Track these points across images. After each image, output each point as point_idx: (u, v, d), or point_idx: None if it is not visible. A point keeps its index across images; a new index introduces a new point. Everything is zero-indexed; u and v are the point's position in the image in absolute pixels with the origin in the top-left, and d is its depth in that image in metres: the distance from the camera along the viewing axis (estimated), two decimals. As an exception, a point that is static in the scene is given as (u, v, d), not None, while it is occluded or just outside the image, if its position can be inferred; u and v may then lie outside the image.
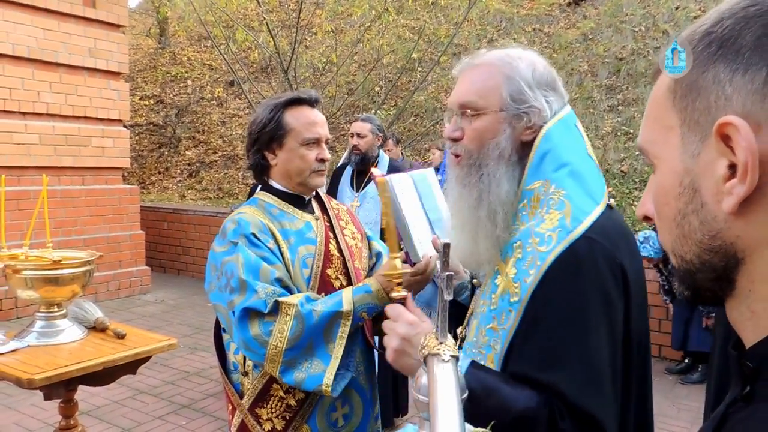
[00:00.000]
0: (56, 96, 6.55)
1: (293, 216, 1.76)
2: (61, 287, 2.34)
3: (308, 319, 1.53)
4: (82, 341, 2.37)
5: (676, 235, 0.54)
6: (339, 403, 1.72)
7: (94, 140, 6.95)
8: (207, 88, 12.86)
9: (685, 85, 0.51)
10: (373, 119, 3.94)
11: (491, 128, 1.15)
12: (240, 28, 9.61)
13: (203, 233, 8.06)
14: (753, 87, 0.46)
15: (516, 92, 1.14)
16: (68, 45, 6.60)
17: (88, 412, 3.93)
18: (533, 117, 1.15)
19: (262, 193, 1.79)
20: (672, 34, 9.01)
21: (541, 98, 1.15)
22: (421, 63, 10.11)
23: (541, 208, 1.12)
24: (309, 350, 1.54)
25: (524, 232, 1.11)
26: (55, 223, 6.19)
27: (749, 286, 0.50)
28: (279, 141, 1.71)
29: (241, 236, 1.62)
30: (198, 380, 4.60)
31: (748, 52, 0.47)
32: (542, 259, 1.06)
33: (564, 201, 1.09)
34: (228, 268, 1.59)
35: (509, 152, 1.15)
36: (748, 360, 0.50)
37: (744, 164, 0.46)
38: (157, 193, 10.99)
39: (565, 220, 1.07)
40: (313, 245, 1.74)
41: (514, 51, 1.20)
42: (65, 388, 2.25)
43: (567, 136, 1.16)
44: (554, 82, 1.19)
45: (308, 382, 1.53)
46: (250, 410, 1.68)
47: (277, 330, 1.52)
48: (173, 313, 6.58)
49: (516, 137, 1.15)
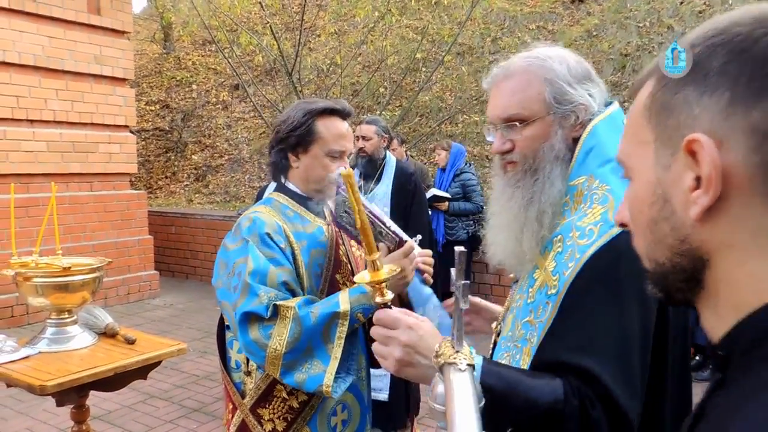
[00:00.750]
0: (63, 103, 6.59)
1: (307, 219, 1.77)
2: (71, 294, 2.36)
3: (306, 321, 1.54)
4: (92, 347, 2.38)
5: (650, 240, 0.60)
6: (339, 408, 1.74)
7: (101, 146, 6.99)
8: (212, 92, 12.90)
9: (659, 104, 0.57)
10: (378, 121, 3.94)
11: (543, 134, 1.16)
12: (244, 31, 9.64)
13: (211, 237, 8.09)
14: (717, 108, 0.52)
15: (558, 93, 1.15)
16: (74, 52, 6.64)
17: (99, 417, 3.96)
18: (580, 113, 1.16)
19: (277, 194, 1.81)
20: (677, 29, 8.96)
21: (584, 93, 1.16)
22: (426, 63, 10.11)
23: (584, 203, 1.12)
24: (308, 352, 1.56)
25: (565, 226, 1.12)
26: (64, 229, 6.22)
27: (715, 286, 0.56)
28: (305, 146, 1.72)
29: (255, 234, 1.63)
30: (208, 384, 4.62)
31: (715, 76, 0.52)
32: (582, 251, 1.07)
33: (607, 196, 1.10)
34: (238, 269, 1.60)
35: (563, 152, 1.16)
36: (719, 350, 0.55)
37: (708, 177, 0.52)
38: (164, 198, 11.04)
39: (608, 214, 1.08)
40: (323, 249, 1.76)
41: (541, 51, 1.19)
42: (77, 394, 2.27)
43: (614, 132, 1.15)
44: (590, 73, 1.19)
45: (309, 382, 1.54)
46: (252, 410, 1.69)
47: (276, 333, 1.53)
48: (182, 317, 6.60)
49: (567, 136, 1.17)
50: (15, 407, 4.13)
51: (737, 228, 0.53)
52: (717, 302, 0.56)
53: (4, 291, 5.97)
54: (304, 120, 1.71)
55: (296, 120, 1.72)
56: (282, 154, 1.75)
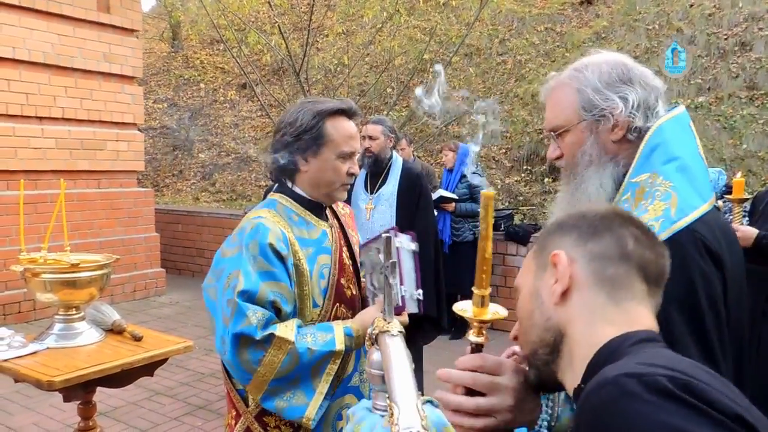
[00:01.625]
0: (72, 101, 6.62)
1: (311, 224, 1.73)
2: (79, 290, 2.37)
3: (302, 357, 1.55)
4: (100, 344, 2.39)
5: (527, 325, 0.90)
6: (344, 412, 1.72)
7: (109, 144, 7.02)
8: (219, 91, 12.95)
9: (540, 247, 0.93)
10: (385, 121, 3.94)
11: (577, 140, 1.26)
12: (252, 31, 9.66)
13: (217, 235, 8.11)
14: (570, 241, 0.87)
15: (586, 101, 1.23)
16: (83, 50, 6.68)
17: (105, 413, 3.97)
18: (611, 117, 1.21)
19: (280, 196, 1.75)
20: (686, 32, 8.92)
21: (614, 96, 1.20)
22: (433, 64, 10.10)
23: (646, 199, 1.15)
24: (294, 383, 1.57)
25: None
26: (72, 226, 6.25)
27: (569, 350, 0.84)
28: (315, 150, 1.68)
29: (255, 243, 1.57)
30: (213, 381, 4.63)
31: (570, 228, 0.89)
32: None
33: (670, 192, 1.13)
34: (232, 283, 1.58)
35: (596, 155, 1.24)
36: (577, 393, 0.80)
37: (562, 274, 0.85)
38: (171, 196, 11.08)
39: (670, 210, 1.10)
40: (328, 255, 1.73)
41: (585, 60, 1.28)
42: (83, 390, 2.28)
43: (680, 132, 1.21)
44: (626, 76, 1.22)
45: (288, 411, 1.57)
46: (257, 418, 1.68)
47: (267, 361, 1.53)
48: (188, 314, 6.62)
49: (602, 140, 1.23)
50: (22, 402, 4.15)
51: (578, 308, 0.84)
52: (572, 361, 0.83)
53: (12, 287, 6.01)
54: (314, 123, 1.66)
55: (305, 123, 1.66)
56: (291, 157, 1.69)
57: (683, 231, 1.08)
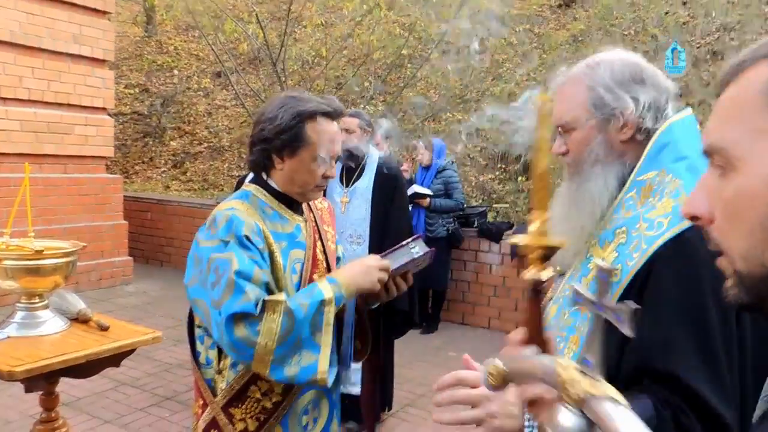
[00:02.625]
0: (39, 82, 6.43)
1: (285, 218, 1.71)
2: (42, 278, 2.29)
3: (297, 313, 1.51)
4: (64, 333, 2.32)
5: (759, 239, 0.54)
6: (311, 407, 1.72)
7: (78, 128, 6.84)
8: (194, 79, 12.72)
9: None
10: (362, 114, 3.92)
11: (584, 139, 1.24)
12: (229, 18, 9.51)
13: (187, 225, 7.98)
14: None
15: (597, 99, 1.21)
16: (52, 30, 6.48)
17: (68, 403, 3.88)
18: (621, 117, 1.19)
19: (255, 188, 1.72)
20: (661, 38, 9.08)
21: (624, 96, 1.19)
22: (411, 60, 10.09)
23: (653, 196, 1.14)
24: (298, 345, 1.52)
25: (631, 219, 1.14)
26: (36, 211, 6.07)
27: None
28: (292, 150, 1.64)
29: (233, 235, 1.55)
30: (181, 372, 4.56)
31: None
32: (649, 242, 1.07)
33: (680, 190, 1.11)
34: (218, 265, 1.53)
35: (604, 154, 1.22)
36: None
37: None
38: (140, 183, 10.86)
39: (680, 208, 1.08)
40: (302, 249, 1.71)
41: (598, 57, 1.26)
42: (46, 381, 2.21)
43: (689, 133, 1.20)
44: (638, 76, 1.21)
45: (301, 374, 1.51)
46: (224, 409, 1.65)
47: (265, 329, 1.48)
48: (156, 304, 6.51)
49: (610, 139, 1.22)
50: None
51: None
52: None
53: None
54: (293, 123, 1.61)
55: (284, 122, 1.61)
56: (265, 154, 1.65)
57: (693, 228, 1.02)
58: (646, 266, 1.06)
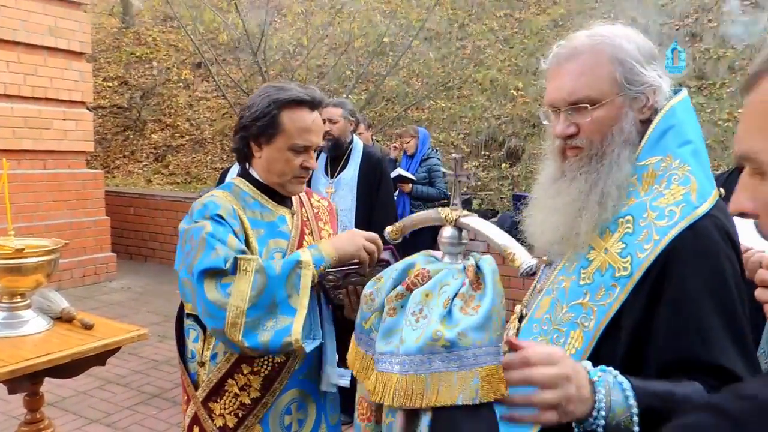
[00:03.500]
0: (14, 76, 6.29)
1: (267, 208, 1.69)
2: (24, 277, 2.25)
3: (270, 271, 1.46)
4: (47, 332, 2.28)
5: None
6: (294, 407, 1.68)
7: (56, 123, 6.72)
8: (173, 70, 12.54)
9: None
10: (345, 104, 3.88)
11: (612, 116, 1.10)
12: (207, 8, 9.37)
13: (171, 219, 7.90)
14: None
15: (630, 73, 1.10)
16: (26, 23, 6.34)
17: (53, 403, 3.83)
18: (650, 95, 1.11)
19: (238, 179, 1.73)
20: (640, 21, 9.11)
21: (654, 74, 1.10)
22: (393, 47, 10.03)
23: (658, 183, 1.08)
24: (272, 307, 1.46)
25: (635, 207, 1.08)
26: (16, 208, 5.96)
27: None
28: (268, 138, 1.63)
29: (207, 215, 1.56)
30: (168, 369, 4.52)
31: None
32: (662, 233, 1.03)
33: (689, 177, 1.07)
34: (192, 234, 1.52)
35: (633, 135, 1.11)
36: None
37: None
38: (122, 178, 10.72)
39: (691, 195, 1.05)
40: (285, 240, 1.68)
41: (606, 29, 1.14)
42: (30, 382, 2.17)
43: (690, 115, 1.14)
44: (656, 54, 1.14)
45: (275, 337, 1.44)
46: (204, 403, 1.63)
47: (236, 289, 1.43)
48: (140, 300, 6.45)
49: (636, 118, 1.12)
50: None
51: None
52: None
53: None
54: (268, 110, 1.60)
55: (260, 109, 1.61)
56: (244, 142, 1.66)
57: (706, 217, 1.03)
58: (661, 257, 1.02)
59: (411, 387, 0.86)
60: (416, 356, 0.87)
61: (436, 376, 0.85)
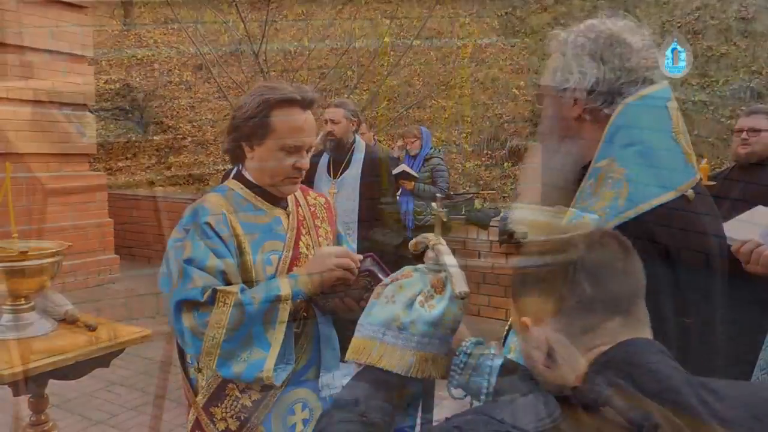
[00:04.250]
0: (17, 79, 6.30)
1: (262, 209, 1.67)
2: (28, 279, 2.26)
3: (248, 307, 1.46)
4: (51, 334, 2.29)
5: None
6: (298, 407, 1.66)
7: (59, 125, 6.74)
8: (175, 72, 12.57)
9: None
10: (347, 104, 3.88)
11: (546, 108, 1.17)
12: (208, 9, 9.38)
13: (174, 220, 7.77)
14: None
15: (558, 68, 1.14)
16: (28, 26, 6.35)
17: (58, 405, 3.84)
18: (570, 91, 1.11)
19: (232, 182, 1.71)
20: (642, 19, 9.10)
21: (574, 67, 1.09)
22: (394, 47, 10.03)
23: (604, 186, 1.07)
24: (248, 341, 1.48)
25: (584, 209, 1.08)
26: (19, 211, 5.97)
27: None
28: (258, 138, 1.60)
29: (194, 224, 1.55)
30: (173, 370, 4.52)
31: None
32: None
33: (622, 181, 1.05)
34: (173, 254, 1.53)
35: (559, 129, 1.14)
36: None
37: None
38: (125, 180, 10.74)
39: (618, 200, 1.03)
40: (280, 241, 1.66)
41: (586, 22, 1.17)
42: (35, 384, 2.18)
43: (648, 114, 1.09)
44: (597, 51, 1.10)
45: (247, 371, 1.46)
46: (205, 408, 1.62)
47: (213, 321, 1.45)
48: (144, 301, 6.45)
49: (565, 114, 1.12)
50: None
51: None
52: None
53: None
54: (259, 111, 1.57)
55: (250, 109, 1.58)
56: (236, 143, 1.64)
57: (630, 222, 1.01)
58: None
59: (364, 346, 1.10)
60: (376, 326, 1.09)
61: (383, 345, 1.07)
